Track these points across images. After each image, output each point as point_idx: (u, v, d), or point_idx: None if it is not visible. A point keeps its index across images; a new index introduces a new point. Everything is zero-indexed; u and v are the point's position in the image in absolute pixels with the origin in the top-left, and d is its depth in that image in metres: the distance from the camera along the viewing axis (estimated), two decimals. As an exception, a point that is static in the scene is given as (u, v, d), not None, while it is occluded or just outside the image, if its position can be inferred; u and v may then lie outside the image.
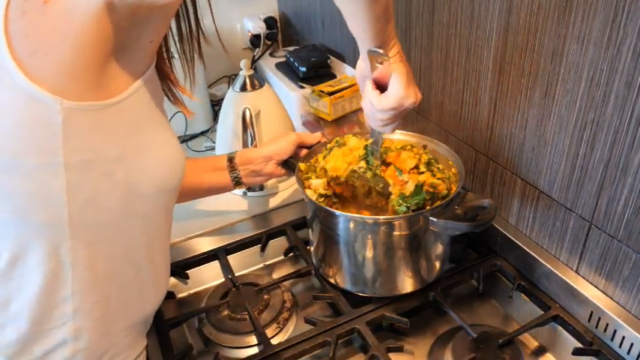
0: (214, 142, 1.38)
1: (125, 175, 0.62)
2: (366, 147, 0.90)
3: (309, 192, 0.88)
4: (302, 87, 1.33)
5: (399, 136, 0.97)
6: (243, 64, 1.13)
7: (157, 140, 0.67)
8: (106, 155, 0.59)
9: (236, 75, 1.16)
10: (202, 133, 1.46)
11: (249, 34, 1.65)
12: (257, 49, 1.63)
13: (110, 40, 0.54)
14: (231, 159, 0.99)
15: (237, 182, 0.99)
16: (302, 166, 0.93)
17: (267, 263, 1.08)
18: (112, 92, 0.58)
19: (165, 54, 0.71)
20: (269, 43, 1.66)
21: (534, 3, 0.75)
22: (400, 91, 0.68)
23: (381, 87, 0.70)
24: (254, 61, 1.60)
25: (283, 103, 1.19)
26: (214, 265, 1.03)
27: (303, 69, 1.35)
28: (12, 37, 0.51)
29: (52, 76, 0.52)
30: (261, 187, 1.11)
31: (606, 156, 0.71)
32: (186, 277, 1.00)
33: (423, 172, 0.87)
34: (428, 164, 0.89)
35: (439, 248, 0.87)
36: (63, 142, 0.54)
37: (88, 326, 0.66)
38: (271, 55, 1.60)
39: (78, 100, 0.54)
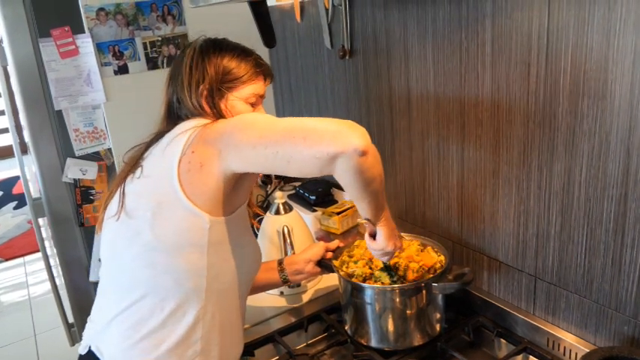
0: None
1: (239, 259, 1.04)
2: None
3: (343, 274, 1.26)
4: (314, 210, 1.76)
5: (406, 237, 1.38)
6: (278, 195, 1.55)
7: (251, 240, 1.10)
8: (228, 247, 1.01)
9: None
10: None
11: (260, 175, 2.10)
12: (269, 185, 2.07)
13: (233, 185, 0.97)
14: (280, 262, 1.36)
15: (285, 280, 1.36)
16: (335, 262, 1.33)
17: (310, 342, 1.40)
18: (233, 209, 1.00)
19: None
20: (277, 181, 2.12)
21: (478, 144, 1.23)
22: (381, 243, 1.06)
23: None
24: (267, 195, 2.04)
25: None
26: (270, 346, 1.35)
27: (314, 197, 1.79)
28: (182, 183, 0.94)
29: (203, 202, 0.95)
30: (298, 285, 1.47)
31: (535, 231, 1.15)
32: (253, 354, 1.31)
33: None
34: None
35: (439, 309, 1.25)
36: (208, 238, 0.96)
37: None
38: (280, 189, 2.04)
39: (216, 215, 0.96)
